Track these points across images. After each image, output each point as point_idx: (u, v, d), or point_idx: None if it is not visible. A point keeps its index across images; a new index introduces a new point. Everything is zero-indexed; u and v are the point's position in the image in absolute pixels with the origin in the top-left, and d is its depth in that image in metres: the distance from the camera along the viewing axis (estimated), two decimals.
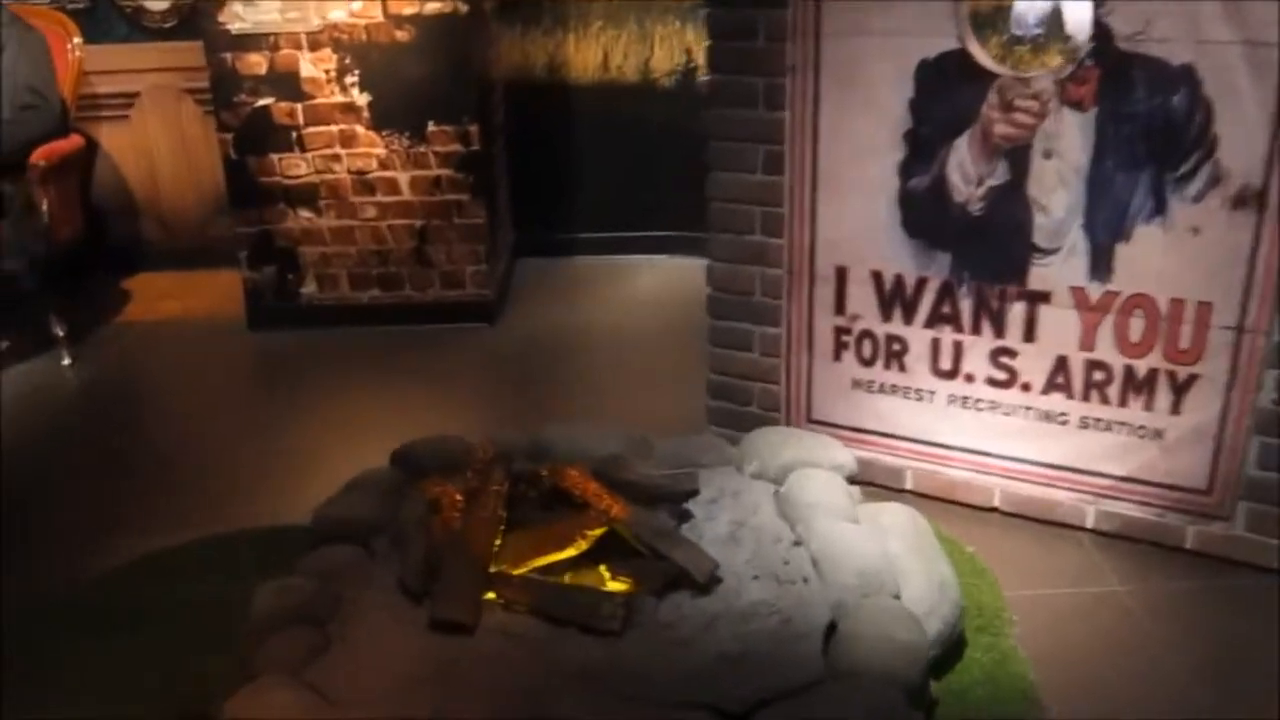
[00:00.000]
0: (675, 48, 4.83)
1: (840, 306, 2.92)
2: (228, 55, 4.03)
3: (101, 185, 4.96)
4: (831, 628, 2.04)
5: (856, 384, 2.96)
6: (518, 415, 3.57)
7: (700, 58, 4.74)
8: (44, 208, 3.98)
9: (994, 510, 2.91)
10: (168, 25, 4.85)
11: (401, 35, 3.99)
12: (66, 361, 4.12)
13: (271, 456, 3.38)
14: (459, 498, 2.18)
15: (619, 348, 4.12)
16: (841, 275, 2.89)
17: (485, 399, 3.80)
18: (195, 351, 4.30)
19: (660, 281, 4.81)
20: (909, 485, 2.98)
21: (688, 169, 4.91)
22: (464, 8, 3.97)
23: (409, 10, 3.96)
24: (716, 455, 2.62)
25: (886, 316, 2.87)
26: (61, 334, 4.12)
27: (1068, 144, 2.54)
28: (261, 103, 4.08)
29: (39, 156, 3.95)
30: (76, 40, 4.34)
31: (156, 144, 5.01)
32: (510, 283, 4.73)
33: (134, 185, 5.08)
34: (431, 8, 3.95)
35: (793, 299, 2.97)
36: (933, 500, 2.94)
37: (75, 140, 4.23)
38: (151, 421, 3.81)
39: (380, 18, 3.98)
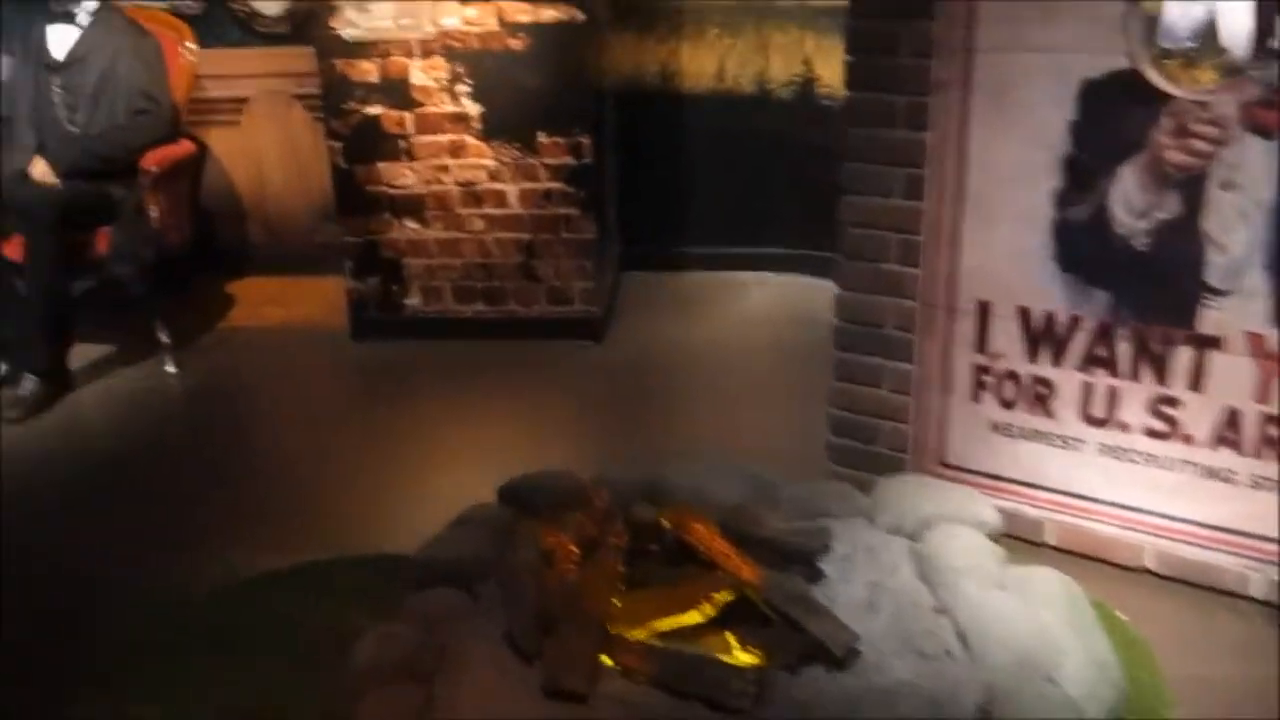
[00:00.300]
0: (793, 57, 4.63)
1: (981, 344, 2.70)
2: (339, 62, 3.95)
3: (210, 189, 4.93)
4: (982, 714, 1.84)
5: (996, 427, 2.74)
6: (627, 439, 3.43)
7: (819, 68, 4.53)
8: (154, 213, 3.95)
9: (1145, 571, 2.66)
10: (280, 30, 4.81)
11: (515, 43, 3.87)
12: (171, 368, 4.08)
13: (373, 475, 3.28)
14: (574, 549, 2.03)
15: (730, 370, 3.94)
16: (984, 310, 2.67)
17: (593, 422, 3.66)
18: (298, 361, 4.24)
19: (771, 299, 4.62)
20: (1049, 539, 2.76)
21: (802, 184, 4.79)
22: (581, 16, 3.83)
23: (524, 18, 3.83)
24: (847, 505, 2.42)
25: (1033, 356, 2.64)
26: (167, 340, 4.08)
27: (1251, 175, 2.29)
28: (371, 111, 3.99)
29: (151, 162, 3.92)
30: (189, 44, 4.31)
31: (266, 149, 4.98)
32: (617, 298, 4.58)
33: (242, 190, 5.05)
34: (548, 15, 3.82)
35: (928, 333, 2.76)
36: (1075, 557, 2.70)
37: (186, 146, 4.19)
38: (253, 433, 3.75)
39: (495, 25, 3.86)
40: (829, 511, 2.38)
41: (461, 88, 3.94)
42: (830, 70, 4.44)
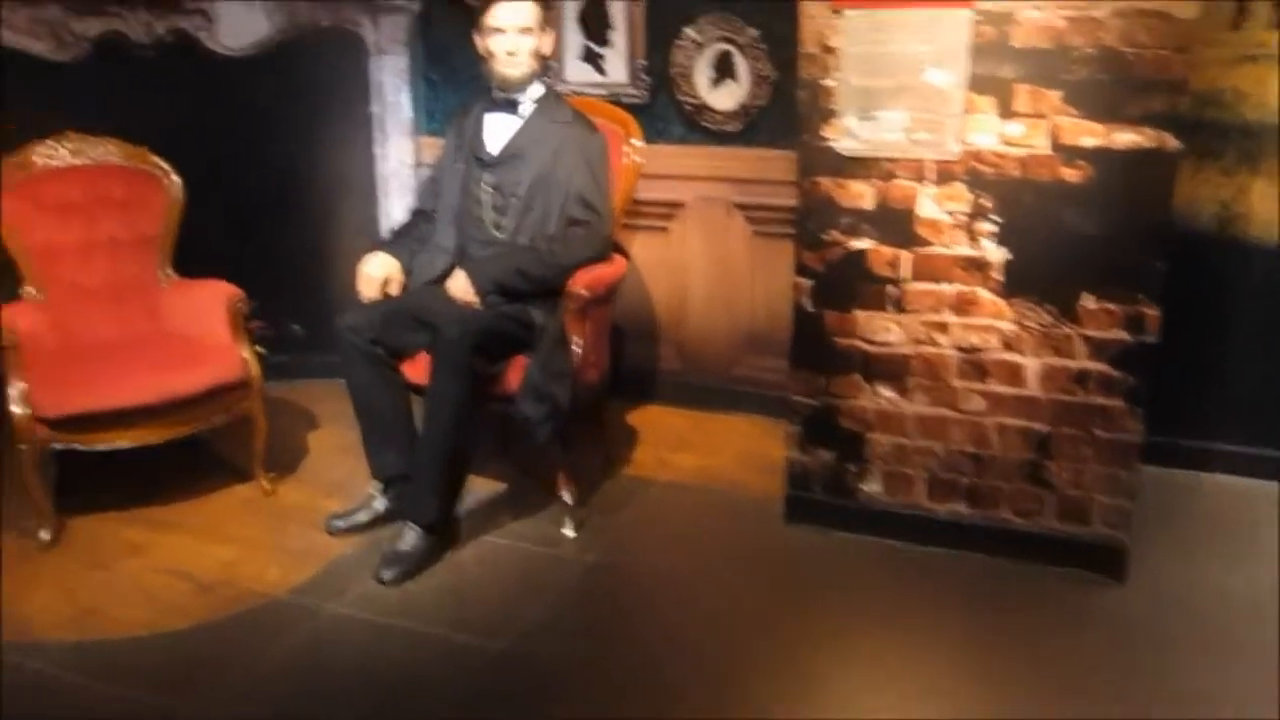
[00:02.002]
0: None
1: None
2: (825, 180, 3.09)
3: (624, 302, 4.22)
4: None
5: None
6: None
7: None
8: (576, 346, 3.23)
9: None
10: (730, 128, 4.06)
11: (1070, 174, 2.85)
12: (570, 531, 3.34)
13: (796, 698, 2.51)
14: None
15: None
16: None
17: (1099, 700, 2.54)
18: (717, 538, 3.39)
19: None
20: None
21: None
22: (1173, 143, 2.76)
23: (1090, 141, 2.82)
24: None
25: None
26: (568, 499, 3.34)
27: None
28: (857, 244, 3.10)
29: (581, 284, 3.22)
30: (636, 142, 3.61)
31: (693, 263, 4.25)
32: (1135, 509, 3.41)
33: (660, 307, 4.34)
34: (1124, 140, 2.79)
35: None
36: None
37: (619, 265, 3.48)
38: (658, 634, 2.90)
39: (1045, 148, 2.87)
40: None
41: (984, 226, 2.97)
42: None
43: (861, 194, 3.07)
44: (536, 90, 3.40)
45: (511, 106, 3.38)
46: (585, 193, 3.30)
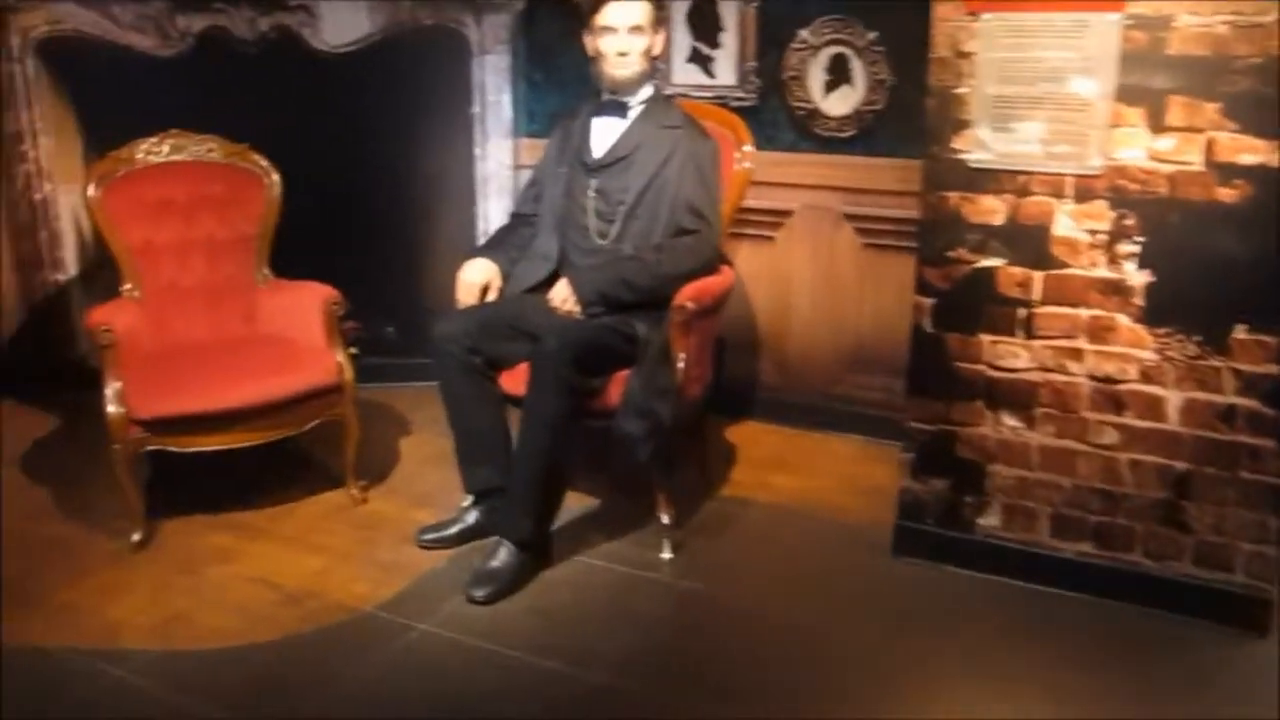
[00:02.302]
0: None
1: None
2: (953, 195, 2.90)
3: (725, 312, 4.07)
4: None
5: None
6: None
7: None
8: (680, 361, 3.09)
9: None
10: (843, 134, 3.88)
11: (1225, 193, 2.63)
12: (667, 554, 3.20)
13: None
14: None
15: None
16: None
17: None
18: (818, 566, 3.22)
19: None
20: None
21: None
22: None
23: (1250, 158, 2.59)
24: None
25: None
26: (667, 520, 3.20)
27: None
28: (986, 263, 2.91)
29: (687, 296, 3.07)
30: (747, 148, 3.46)
31: (798, 275, 4.07)
32: None
33: (762, 319, 4.18)
34: None
35: None
36: None
37: (728, 276, 3.33)
38: (757, 667, 2.73)
39: (1197, 165, 2.64)
40: None
41: (1125, 247, 2.75)
42: None
43: (993, 209, 2.87)
44: (646, 92, 3.27)
45: (620, 109, 3.25)
46: (695, 201, 3.15)
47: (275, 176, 3.75)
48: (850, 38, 3.79)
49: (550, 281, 3.25)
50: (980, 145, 2.83)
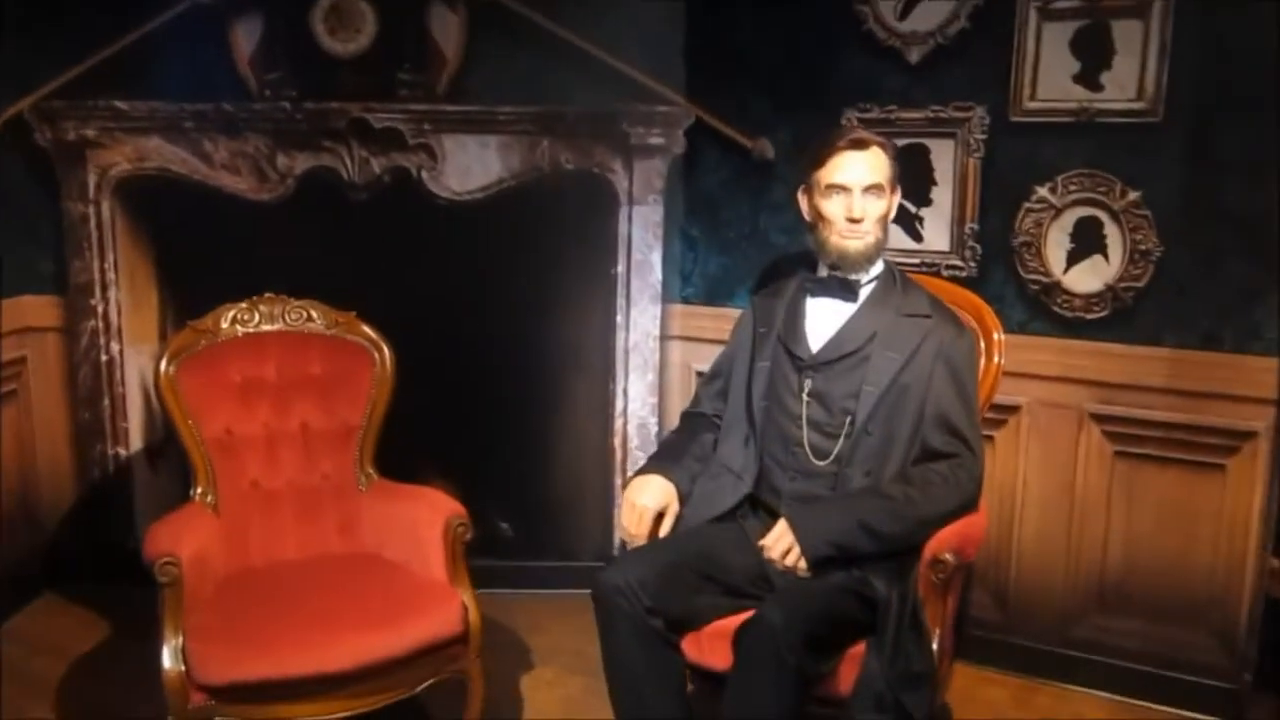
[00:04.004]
0: None
1: None
2: None
3: None
4: None
5: None
6: None
7: None
8: (934, 631, 2.25)
9: None
10: (1091, 316, 3.10)
11: None
12: None
13: None
14: None
15: None
16: None
17: None
18: None
19: None
20: None
21: None
22: None
23: None
24: None
25: None
26: None
27: None
28: None
29: (948, 547, 2.26)
30: (998, 336, 2.69)
31: (1028, 485, 3.27)
32: None
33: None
34: None
35: None
36: None
37: (982, 517, 2.49)
38: None
39: None
40: None
41: None
42: None
43: None
44: (878, 268, 2.51)
45: (847, 290, 2.49)
46: (952, 415, 2.36)
47: (387, 352, 3.04)
48: (1104, 197, 3.04)
49: (743, 508, 2.47)
50: None
